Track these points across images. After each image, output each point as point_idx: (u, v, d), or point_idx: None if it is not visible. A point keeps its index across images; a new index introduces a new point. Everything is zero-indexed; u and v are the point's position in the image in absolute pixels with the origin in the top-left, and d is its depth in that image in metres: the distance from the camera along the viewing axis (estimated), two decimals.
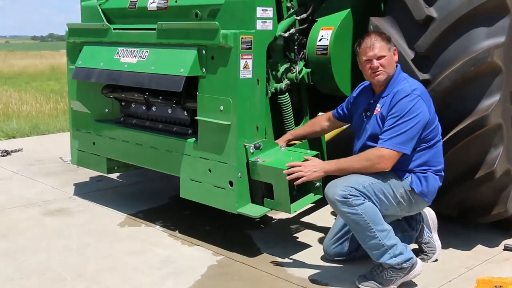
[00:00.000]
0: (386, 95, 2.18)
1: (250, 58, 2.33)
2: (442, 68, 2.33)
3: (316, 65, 2.72)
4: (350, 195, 2.04)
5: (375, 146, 2.12)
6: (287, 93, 2.73)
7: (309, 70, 2.75)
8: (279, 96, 2.72)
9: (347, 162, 2.14)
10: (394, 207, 2.16)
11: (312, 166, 2.18)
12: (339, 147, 3.42)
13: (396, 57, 2.22)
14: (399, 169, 2.15)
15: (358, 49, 2.23)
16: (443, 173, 2.24)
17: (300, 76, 2.71)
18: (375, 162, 2.08)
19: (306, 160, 2.26)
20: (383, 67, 2.17)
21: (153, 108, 2.83)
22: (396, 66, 2.24)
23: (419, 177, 2.16)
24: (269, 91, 2.63)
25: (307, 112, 2.93)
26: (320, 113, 3.15)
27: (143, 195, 3.39)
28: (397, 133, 2.07)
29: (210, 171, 2.46)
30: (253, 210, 2.37)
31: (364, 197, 2.06)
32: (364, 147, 2.21)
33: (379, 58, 2.17)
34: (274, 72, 2.68)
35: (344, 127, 2.77)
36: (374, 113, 2.20)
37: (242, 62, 2.30)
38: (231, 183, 2.37)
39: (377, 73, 2.18)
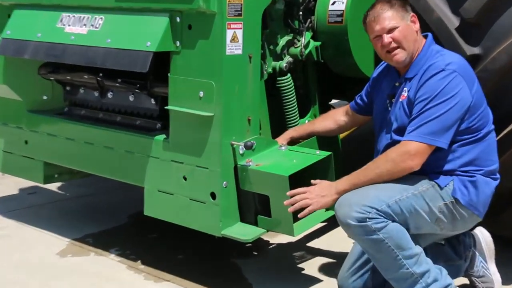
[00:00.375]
0: (414, 75, 2.25)
1: (240, 28, 2.38)
2: (497, 39, 2.38)
3: (328, 37, 2.79)
4: (369, 218, 2.08)
5: None
6: (289, 75, 2.79)
7: (318, 43, 2.82)
8: (278, 79, 2.78)
9: (363, 173, 2.18)
10: (430, 226, 2.21)
11: (320, 192, 2.21)
12: (353, 148, 3.43)
13: (417, 27, 2.28)
14: (436, 172, 2.19)
15: (365, 27, 2.31)
16: (498, 176, 2.28)
17: (307, 52, 2.78)
18: (398, 161, 2.12)
19: (311, 184, 2.28)
20: (397, 42, 2.23)
21: (109, 95, 2.86)
22: (426, 36, 2.31)
23: (464, 182, 2.19)
24: (265, 72, 2.68)
25: (316, 99, 2.99)
26: (333, 101, 3.23)
27: (93, 213, 3.41)
28: (426, 120, 2.11)
29: (185, 179, 2.50)
30: (243, 232, 2.41)
31: (387, 218, 2.11)
32: (390, 145, 2.23)
33: (389, 31, 2.23)
34: (272, 47, 2.74)
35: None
36: (400, 100, 2.26)
37: (229, 33, 2.35)
38: (213, 196, 2.41)
39: (393, 52, 2.24)
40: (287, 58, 2.77)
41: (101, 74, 2.77)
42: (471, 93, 2.18)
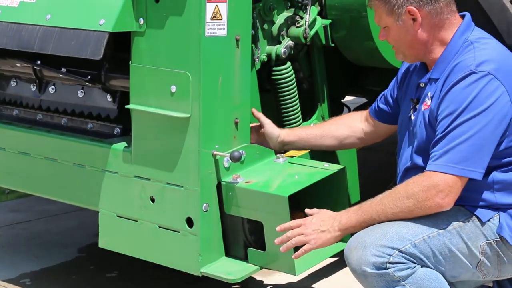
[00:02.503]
0: (439, 76, 2.23)
1: (224, 1, 2.37)
2: None
3: (340, 13, 2.78)
4: (389, 263, 2.07)
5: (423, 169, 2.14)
6: (288, 63, 2.78)
7: (327, 21, 2.81)
8: (274, 68, 2.77)
9: (376, 208, 2.16)
10: (471, 272, 2.20)
11: (319, 225, 2.20)
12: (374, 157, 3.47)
13: (419, 21, 2.21)
14: (475, 206, 2.18)
15: None
16: None
17: (312, 33, 2.76)
18: (423, 199, 2.10)
19: (308, 215, 2.26)
20: (390, 42, 2.30)
21: (51, 89, 2.84)
22: (464, 16, 2.27)
23: None
24: (257, 60, 2.67)
25: (324, 96, 2.97)
26: (348, 98, 3.19)
27: (32, 245, 3.40)
28: (454, 144, 2.09)
29: (152, 200, 2.48)
30: (228, 270, 2.40)
31: (415, 262, 2.10)
32: (410, 170, 2.25)
33: (383, 28, 2.30)
34: (266, 26, 2.72)
35: None
36: (422, 109, 2.25)
37: (210, 8, 2.33)
38: (190, 222, 2.40)
39: (394, 49, 2.32)
40: (286, 41, 2.76)
41: (39, 62, 2.73)
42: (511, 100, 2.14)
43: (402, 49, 2.28)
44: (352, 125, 2.61)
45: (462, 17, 2.29)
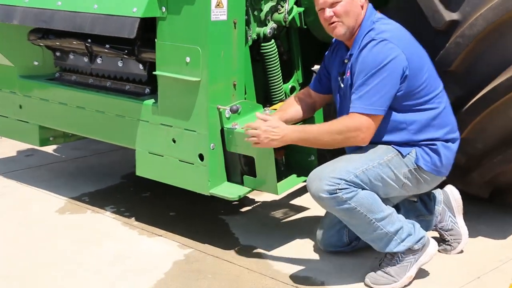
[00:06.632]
0: (354, 52, 2.17)
1: None
2: (475, 5, 2.29)
3: (310, 3, 2.66)
4: (339, 189, 2.07)
5: None
6: (273, 40, 2.70)
7: (301, 9, 2.72)
8: (262, 44, 2.69)
9: (315, 133, 2.13)
10: (397, 191, 2.20)
11: (271, 132, 2.14)
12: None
13: (362, 1, 2.16)
14: (399, 144, 2.16)
15: None
16: (457, 135, 2.24)
17: (290, 18, 2.68)
18: (348, 137, 2.09)
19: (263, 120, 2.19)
20: (338, 16, 2.15)
21: (98, 60, 2.78)
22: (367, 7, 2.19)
23: (426, 151, 2.18)
24: (249, 38, 2.59)
25: (299, 65, 2.91)
26: (316, 67, 3.12)
27: (88, 174, 3.38)
28: (364, 91, 2.06)
29: (174, 141, 2.45)
30: (229, 191, 2.39)
31: (357, 187, 2.10)
32: None
33: (332, 5, 2.15)
34: (256, 13, 2.64)
35: None
36: (347, 76, 2.20)
37: None
38: (201, 157, 2.37)
39: (332, 25, 2.17)
40: (271, 24, 2.68)
41: (89, 40, 2.67)
42: (407, 58, 2.09)
43: (347, 19, 2.15)
44: (307, 101, 2.44)
45: None
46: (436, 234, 2.47)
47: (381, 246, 2.17)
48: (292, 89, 2.89)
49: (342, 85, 2.25)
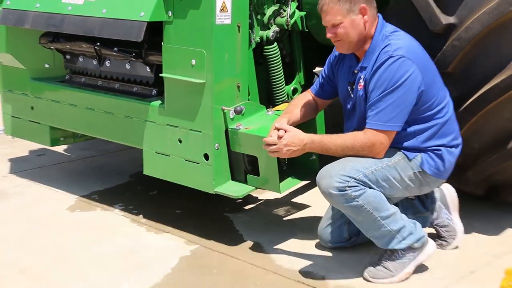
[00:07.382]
0: (367, 65, 2.17)
1: None
2: (472, 9, 2.31)
3: (311, 7, 2.71)
4: (348, 186, 2.08)
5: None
6: (275, 43, 2.73)
7: (303, 13, 2.75)
8: (265, 47, 2.72)
9: (332, 144, 2.14)
10: (401, 192, 2.24)
11: (290, 142, 2.14)
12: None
13: (366, 18, 2.13)
14: (406, 149, 2.19)
15: (319, 11, 2.19)
16: (460, 141, 2.27)
17: (292, 22, 2.71)
18: (363, 152, 2.11)
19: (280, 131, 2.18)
20: (340, 37, 2.14)
21: (107, 63, 2.81)
22: (377, 18, 2.18)
23: (431, 156, 2.21)
24: (253, 41, 2.62)
25: (301, 67, 2.94)
26: (317, 69, 3.17)
27: (98, 173, 3.40)
28: (382, 108, 2.08)
29: (180, 141, 2.47)
30: (233, 189, 2.41)
31: (365, 186, 2.12)
32: (356, 130, 2.20)
33: (333, 26, 2.14)
34: (259, 17, 2.67)
35: None
36: (359, 88, 2.21)
37: (219, 3, 2.29)
38: (206, 157, 2.39)
39: (335, 43, 2.18)
40: (274, 28, 2.71)
41: (98, 43, 2.70)
42: (422, 73, 2.11)
43: (349, 41, 2.15)
44: (308, 109, 2.44)
45: None
46: (432, 231, 2.49)
47: (383, 243, 2.20)
48: (294, 91, 2.93)
49: (352, 95, 2.25)
